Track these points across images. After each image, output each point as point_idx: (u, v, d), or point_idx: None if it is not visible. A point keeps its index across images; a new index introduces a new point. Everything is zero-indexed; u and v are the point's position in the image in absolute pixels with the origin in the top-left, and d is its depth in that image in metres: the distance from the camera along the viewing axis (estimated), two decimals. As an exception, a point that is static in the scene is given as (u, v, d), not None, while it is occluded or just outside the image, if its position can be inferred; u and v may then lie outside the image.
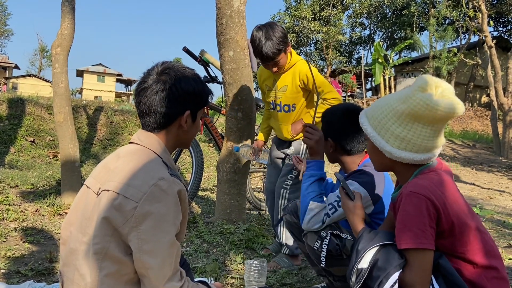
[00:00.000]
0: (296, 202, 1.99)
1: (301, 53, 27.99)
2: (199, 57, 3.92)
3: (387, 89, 22.20)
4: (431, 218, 1.25)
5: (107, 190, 1.21)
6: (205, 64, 3.93)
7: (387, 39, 30.55)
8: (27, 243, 2.65)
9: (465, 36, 24.28)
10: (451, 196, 1.31)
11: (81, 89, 44.13)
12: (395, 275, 1.25)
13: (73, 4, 3.81)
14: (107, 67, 46.86)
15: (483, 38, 12.34)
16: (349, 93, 26.14)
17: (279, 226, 2.57)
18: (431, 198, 1.26)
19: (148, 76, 1.33)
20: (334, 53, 28.34)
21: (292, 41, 25.87)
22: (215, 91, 2.27)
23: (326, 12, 26.80)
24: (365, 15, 29.69)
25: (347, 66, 28.98)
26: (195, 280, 1.41)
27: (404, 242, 1.26)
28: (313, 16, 26.69)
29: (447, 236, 1.29)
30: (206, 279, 1.95)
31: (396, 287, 1.24)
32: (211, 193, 4.80)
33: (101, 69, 45.60)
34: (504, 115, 11.61)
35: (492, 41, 11.92)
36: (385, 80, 22.13)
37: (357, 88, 27.47)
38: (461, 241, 1.29)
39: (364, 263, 1.31)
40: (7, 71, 40.47)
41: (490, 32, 13.45)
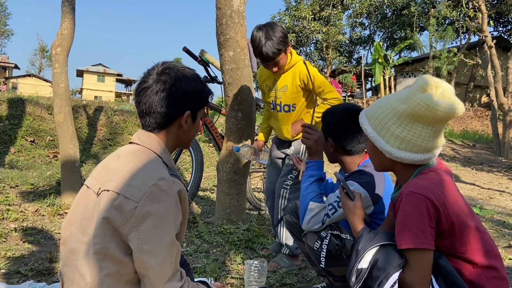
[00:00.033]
0: (296, 202, 1.99)
1: (301, 53, 27.99)
2: (199, 57, 3.92)
3: (387, 89, 22.21)
4: (431, 218, 1.25)
5: (107, 190, 1.21)
6: (205, 64, 3.93)
7: (387, 39, 30.55)
8: (27, 243, 2.65)
9: (465, 36, 24.30)
10: (451, 196, 1.31)
11: (81, 89, 44.14)
12: (395, 275, 1.25)
13: (73, 4, 3.81)
14: (107, 67, 46.87)
15: (483, 38, 12.35)
16: (349, 93, 26.14)
17: (279, 226, 2.57)
18: (431, 198, 1.26)
19: (148, 76, 1.34)
20: (334, 53, 28.34)
21: (292, 41, 25.86)
22: (215, 91, 2.27)
23: (326, 12, 26.80)
24: (365, 15, 29.70)
25: (347, 66, 28.98)
26: (195, 280, 1.41)
27: (404, 242, 1.26)
28: (313, 16, 26.69)
29: (447, 236, 1.29)
30: (206, 279, 1.95)
31: (396, 287, 1.24)
32: (211, 193, 4.80)
33: (101, 69, 45.61)
34: (504, 115, 11.61)
35: (492, 41, 11.92)
36: (385, 80, 22.13)
37: (357, 88, 27.47)
38: (461, 241, 1.29)
39: (364, 263, 1.31)
40: (7, 71, 40.48)
41: (490, 32, 13.46)
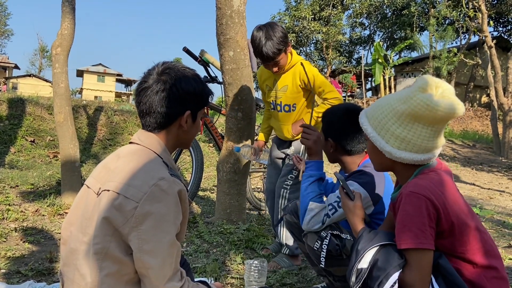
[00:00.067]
0: (296, 202, 1.99)
1: (301, 53, 27.99)
2: (199, 57, 3.92)
3: (387, 89, 22.21)
4: (430, 218, 1.25)
5: (108, 190, 1.21)
6: (205, 64, 3.93)
7: (387, 39, 30.55)
8: (27, 243, 2.65)
9: (465, 36, 24.30)
10: (451, 196, 1.31)
11: (81, 89, 44.14)
12: (395, 275, 1.25)
13: (73, 4, 3.81)
14: (107, 67, 46.87)
15: (483, 38, 12.35)
16: (349, 93, 26.14)
17: (279, 226, 2.57)
18: (431, 198, 1.26)
19: (148, 76, 1.34)
20: (334, 53, 28.34)
21: (292, 41, 25.85)
22: (215, 91, 2.26)
23: (326, 12, 26.80)
24: (365, 15, 29.70)
25: (347, 66, 28.97)
26: (195, 280, 1.42)
27: (404, 242, 1.26)
28: (313, 16, 26.69)
29: (446, 236, 1.29)
30: (206, 279, 1.95)
31: (396, 287, 1.24)
32: (211, 193, 4.80)
33: (101, 69, 45.60)
34: (504, 115, 11.62)
35: (492, 41, 11.93)
36: (385, 80, 22.13)
37: (357, 88, 27.47)
38: (460, 241, 1.29)
39: (364, 263, 1.31)
40: (7, 71, 40.48)
41: (490, 32, 13.47)
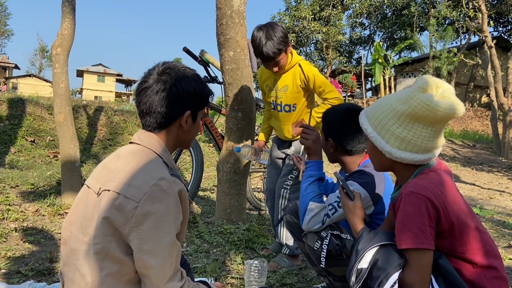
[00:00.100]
0: (296, 202, 1.99)
1: (301, 53, 27.99)
2: (199, 57, 3.93)
3: (387, 89, 22.20)
4: (430, 218, 1.25)
5: (108, 190, 1.21)
6: (205, 64, 3.93)
7: (387, 39, 30.54)
8: (27, 243, 2.65)
9: (465, 36, 24.30)
10: (450, 196, 1.31)
11: (81, 89, 44.14)
12: (395, 275, 1.25)
13: (74, 4, 3.81)
14: (107, 67, 46.87)
15: (483, 38, 12.35)
16: (349, 93, 26.14)
17: (279, 226, 2.57)
18: (431, 198, 1.26)
19: (149, 76, 1.34)
20: (334, 53, 28.34)
21: (292, 41, 25.84)
22: (215, 91, 2.26)
23: (326, 12, 26.80)
24: (365, 15, 29.69)
25: (347, 66, 28.97)
26: (195, 280, 1.42)
27: (404, 242, 1.26)
28: (313, 16, 26.69)
29: (446, 236, 1.29)
30: (206, 279, 1.95)
31: (396, 287, 1.24)
32: (211, 193, 4.80)
33: (101, 69, 45.61)
34: (504, 115, 11.62)
35: (492, 41, 11.93)
36: (385, 80, 22.13)
37: (357, 88, 27.47)
38: (460, 241, 1.29)
39: (364, 263, 1.31)
40: (7, 71, 40.48)
41: (490, 32, 13.47)
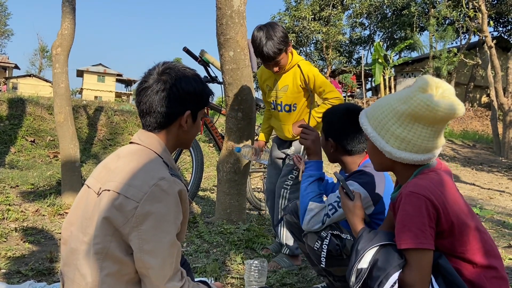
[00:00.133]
0: (296, 202, 1.99)
1: (301, 53, 27.99)
2: (199, 57, 3.93)
3: (387, 89, 22.20)
4: (430, 218, 1.25)
5: (108, 190, 1.21)
6: (205, 64, 3.93)
7: (387, 39, 30.54)
8: (27, 243, 2.65)
9: (465, 36, 24.29)
10: (450, 196, 1.31)
11: (81, 89, 44.14)
12: (395, 275, 1.25)
13: (74, 4, 3.81)
14: (107, 67, 46.87)
15: (483, 38, 12.35)
16: (349, 93, 26.13)
17: (279, 226, 2.57)
18: (431, 198, 1.26)
19: (149, 76, 1.34)
20: (334, 53, 28.34)
21: (292, 41, 25.84)
22: (215, 91, 2.27)
23: (326, 12, 26.80)
24: (365, 15, 29.69)
25: (347, 66, 28.97)
26: (195, 280, 1.42)
27: (404, 242, 1.26)
28: (313, 16, 26.68)
29: (446, 236, 1.29)
30: (206, 279, 1.95)
31: (396, 287, 1.24)
32: (211, 193, 4.80)
33: (101, 69, 45.61)
34: (504, 115, 11.62)
35: (492, 41, 11.93)
36: (385, 80, 22.13)
37: (357, 88, 27.46)
38: (460, 241, 1.29)
39: (364, 263, 1.31)
40: (7, 71, 40.48)
41: (490, 32, 13.47)
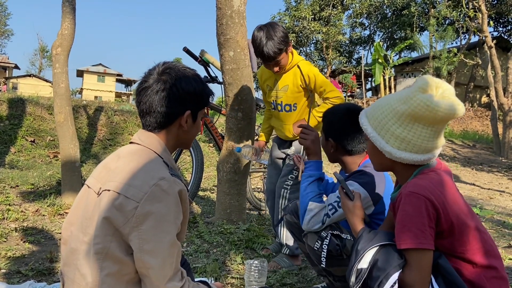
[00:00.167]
0: (297, 202, 1.99)
1: (301, 53, 27.98)
2: (199, 57, 3.93)
3: (387, 89, 22.20)
4: (430, 218, 1.25)
5: (108, 190, 1.21)
6: (205, 64, 3.93)
7: (387, 39, 30.53)
8: (27, 243, 2.65)
9: (465, 36, 24.29)
10: (450, 196, 1.31)
11: (81, 89, 44.14)
12: (395, 275, 1.25)
13: (74, 4, 3.81)
14: (107, 67, 46.87)
15: (483, 38, 12.35)
16: (349, 93, 26.13)
17: (279, 226, 2.57)
18: (430, 198, 1.26)
19: (149, 75, 1.34)
20: (334, 53, 28.34)
21: (292, 41, 25.79)
22: (215, 91, 2.26)
23: (326, 12, 26.80)
24: (365, 15, 29.69)
25: (347, 66, 28.97)
26: (195, 280, 1.42)
27: (404, 242, 1.26)
28: (313, 16, 26.68)
29: (446, 236, 1.29)
30: (206, 279, 1.95)
31: (396, 287, 1.24)
32: (211, 193, 4.80)
33: (101, 69, 45.60)
34: (504, 115, 11.62)
35: (492, 41, 11.94)
36: (385, 80, 22.13)
37: (357, 88, 27.46)
38: (460, 241, 1.29)
39: (364, 263, 1.31)
40: (7, 71, 40.47)
41: (490, 33, 13.48)
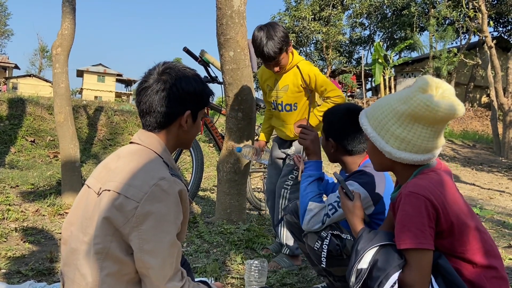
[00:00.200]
0: (297, 202, 1.99)
1: (301, 53, 27.94)
2: (200, 57, 3.93)
3: (387, 89, 22.19)
4: (430, 218, 1.25)
5: (108, 190, 1.21)
6: (206, 64, 3.93)
7: (387, 39, 30.52)
8: (27, 243, 2.65)
9: (465, 36, 24.28)
10: (450, 196, 1.31)
11: (81, 89, 44.14)
12: (395, 275, 1.25)
13: (74, 4, 3.81)
14: (107, 67, 46.87)
15: (483, 38, 12.36)
16: (349, 93, 26.13)
17: (279, 226, 2.58)
18: (430, 198, 1.26)
19: (149, 75, 1.34)
20: (334, 53, 28.33)
21: (292, 41, 25.73)
22: (215, 91, 2.26)
23: (326, 12, 26.80)
24: (365, 15, 29.67)
25: (347, 66, 28.96)
26: (195, 280, 1.42)
27: (404, 242, 1.26)
28: (313, 16, 26.68)
29: (446, 236, 1.29)
30: (206, 279, 1.95)
31: (396, 287, 1.24)
32: (211, 193, 4.80)
33: (101, 69, 45.60)
34: (504, 115, 11.63)
35: (492, 41, 11.94)
36: (385, 80, 22.12)
37: (357, 88, 27.46)
38: (460, 241, 1.29)
39: (364, 263, 1.31)
40: (7, 71, 40.47)
41: (490, 33, 13.48)
